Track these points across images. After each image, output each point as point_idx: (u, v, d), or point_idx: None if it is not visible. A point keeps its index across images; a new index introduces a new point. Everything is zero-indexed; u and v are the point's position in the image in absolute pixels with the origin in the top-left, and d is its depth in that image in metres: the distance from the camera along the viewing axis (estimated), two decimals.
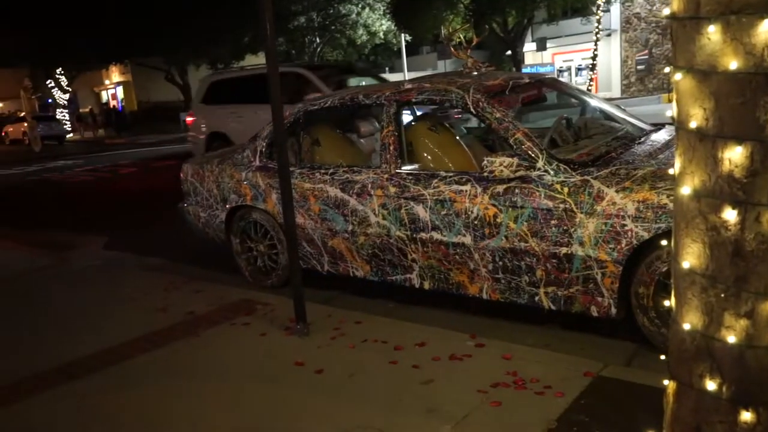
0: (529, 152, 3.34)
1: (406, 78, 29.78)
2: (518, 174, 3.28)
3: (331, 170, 4.11)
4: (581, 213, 3.11)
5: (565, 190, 3.18)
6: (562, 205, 3.17)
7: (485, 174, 3.33)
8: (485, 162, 3.28)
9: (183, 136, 25.85)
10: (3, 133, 35.18)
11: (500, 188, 3.36)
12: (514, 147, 3.39)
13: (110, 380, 3.11)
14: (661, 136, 3.85)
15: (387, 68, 49.16)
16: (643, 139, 3.73)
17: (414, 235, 3.70)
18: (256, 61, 35.06)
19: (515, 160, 3.26)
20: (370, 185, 3.88)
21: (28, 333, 3.89)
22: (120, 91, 43.45)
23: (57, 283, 5.01)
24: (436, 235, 3.61)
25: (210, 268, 5.21)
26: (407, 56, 30.86)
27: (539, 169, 3.29)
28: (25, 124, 31.09)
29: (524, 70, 22.77)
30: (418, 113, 4.95)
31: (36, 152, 24.49)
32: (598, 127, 3.99)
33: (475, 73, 4.16)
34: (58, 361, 3.38)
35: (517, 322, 3.61)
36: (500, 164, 3.25)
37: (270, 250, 4.55)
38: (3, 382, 3.17)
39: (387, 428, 2.42)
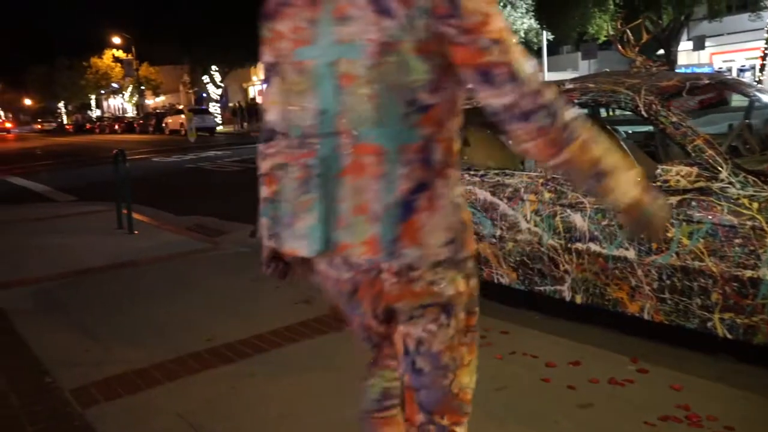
0: (711, 161, 2.99)
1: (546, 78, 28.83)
2: (697, 185, 2.96)
3: (481, 172, 3.98)
4: None
5: (755, 205, 2.81)
6: (749, 222, 2.80)
7: (657, 183, 3.03)
8: (659, 170, 2.99)
9: None
10: (164, 124, 38.64)
11: (673, 200, 3.05)
12: (694, 155, 3.06)
13: (261, 367, 3.21)
14: None
15: None
16: None
17: (568, 245, 3.48)
18: None
19: (695, 170, 2.93)
20: (522, 190, 3.70)
21: (186, 312, 4.14)
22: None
23: (210, 267, 5.32)
24: (594, 247, 3.36)
25: None
26: (547, 56, 29.86)
27: (722, 180, 2.94)
28: (183, 116, 33.96)
29: (678, 72, 21.12)
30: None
31: (191, 142, 26.58)
32: None
33: (645, 72, 3.83)
34: (214, 343, 3.55)
35: (682, 348, 3.27)
36: (677, 173, 2.94)
37: None
38: (167, 357, 3.38)
39: None
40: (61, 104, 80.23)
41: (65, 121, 74.85)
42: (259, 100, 45.07)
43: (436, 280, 1.33)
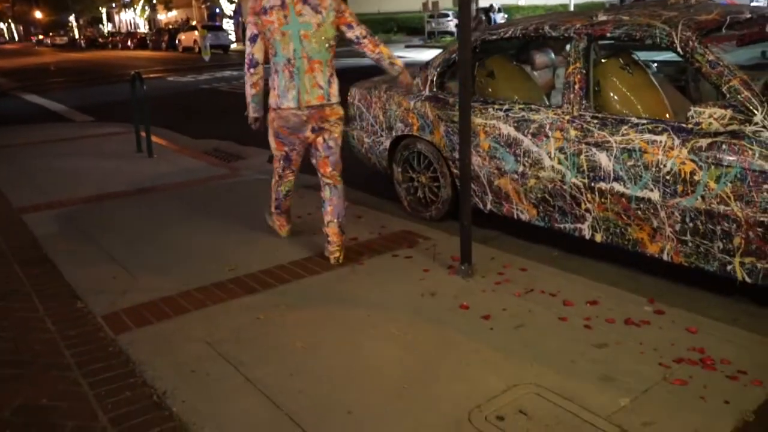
0: (747, 104, 2.91)
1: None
2: (729, 128, 2.89)
3: (506, 106, 3.90)
4: None
5: None
6: None
7: (689, 125, 2.97)
8: (692, 112, 2.91)
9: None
10: (177, 41, 37.87)
11: (703, 142, 2.99)
12: (728, 96, 2.97)
13: (284, 298, 3.29)
14: None
15: None
16: None
17: (592, 184, 3.45)
18: None
19: (728, 112, 2.86)
20: (548, 126, 3.64)
21: (208, 241, 4.22)
22: None
23: (230, 194, 5.37)
24: (618, 187, 3.33)
25: (370, 193, 5.31)
26: None
27: (757, 123, 2.87)
28: (196, 33, 33.22)
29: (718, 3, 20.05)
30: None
31: (205, 61, 26.11)
32: None
33: (683, 4, 3.66)
34: (237, 273, 3.63)
35: (698, 289, 3.31)
36: (710, 116, 2.86)
37: (432, 182, 4.50)
38: (193, 286, 3.47)
39: (560, 391, 2.33)
40: (71, 18, 78.58)
41: (77, 36, 73.55)
42: None
43: (340, 109, 3.61)
